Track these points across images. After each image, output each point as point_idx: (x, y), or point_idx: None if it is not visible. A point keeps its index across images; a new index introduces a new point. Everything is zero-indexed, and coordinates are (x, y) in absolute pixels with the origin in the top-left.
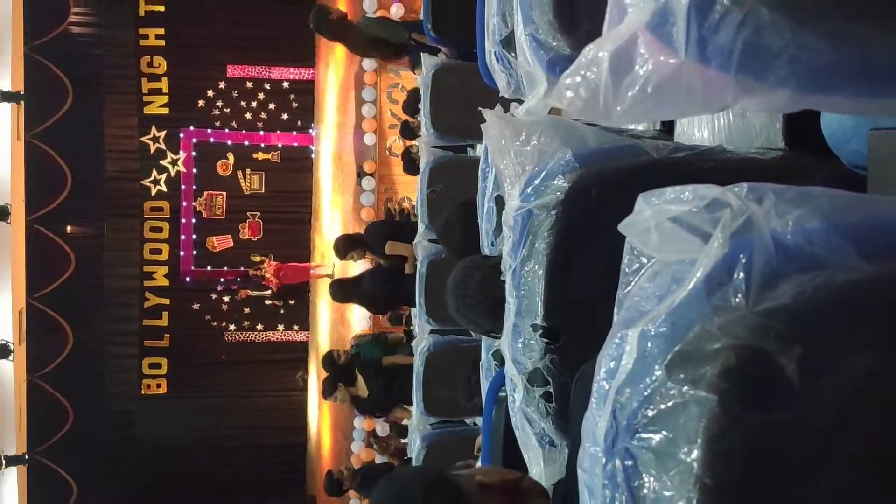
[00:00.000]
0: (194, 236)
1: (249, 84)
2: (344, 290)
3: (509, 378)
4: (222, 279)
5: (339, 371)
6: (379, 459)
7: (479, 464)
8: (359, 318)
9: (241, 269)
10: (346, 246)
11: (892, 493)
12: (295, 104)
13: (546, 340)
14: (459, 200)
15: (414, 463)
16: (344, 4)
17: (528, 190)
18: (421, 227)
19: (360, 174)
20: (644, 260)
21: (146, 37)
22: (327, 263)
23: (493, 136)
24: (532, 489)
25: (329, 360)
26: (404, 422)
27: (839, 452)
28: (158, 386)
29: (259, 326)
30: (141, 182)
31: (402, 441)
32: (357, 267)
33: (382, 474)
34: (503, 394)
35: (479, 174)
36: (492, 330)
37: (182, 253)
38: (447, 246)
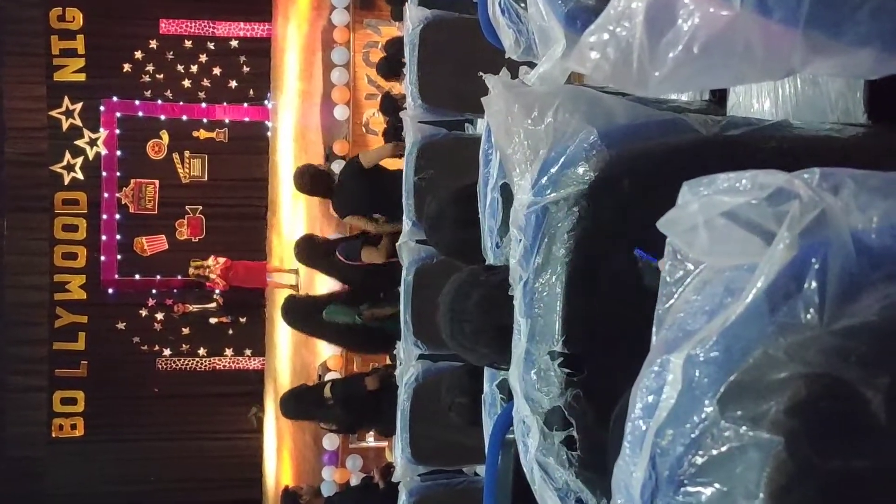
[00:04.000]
0: (118, 237)
1: (188, 43)
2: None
3: (521, 419)
4: (154, 291)
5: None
6: None
7: None
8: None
9: (179, 277)
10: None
11: None
12: (247, 69)
13: (567, 371)
14: (453, 187)
15: None
16: None
17: (543, 181)
18: (407, 225)
19: (330, 157)
20: (690, 266)
21: None
22: (289, 269)
23: (496, 113)
24: None
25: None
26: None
27: None
28: (73, 427)
29: (201, 351)
30: (51, 168)
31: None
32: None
33: (354, 497)
34: (511, 436)
35: (481, 156)
36: (497, 362)
37: (103, 258)
38: (436, 245)
